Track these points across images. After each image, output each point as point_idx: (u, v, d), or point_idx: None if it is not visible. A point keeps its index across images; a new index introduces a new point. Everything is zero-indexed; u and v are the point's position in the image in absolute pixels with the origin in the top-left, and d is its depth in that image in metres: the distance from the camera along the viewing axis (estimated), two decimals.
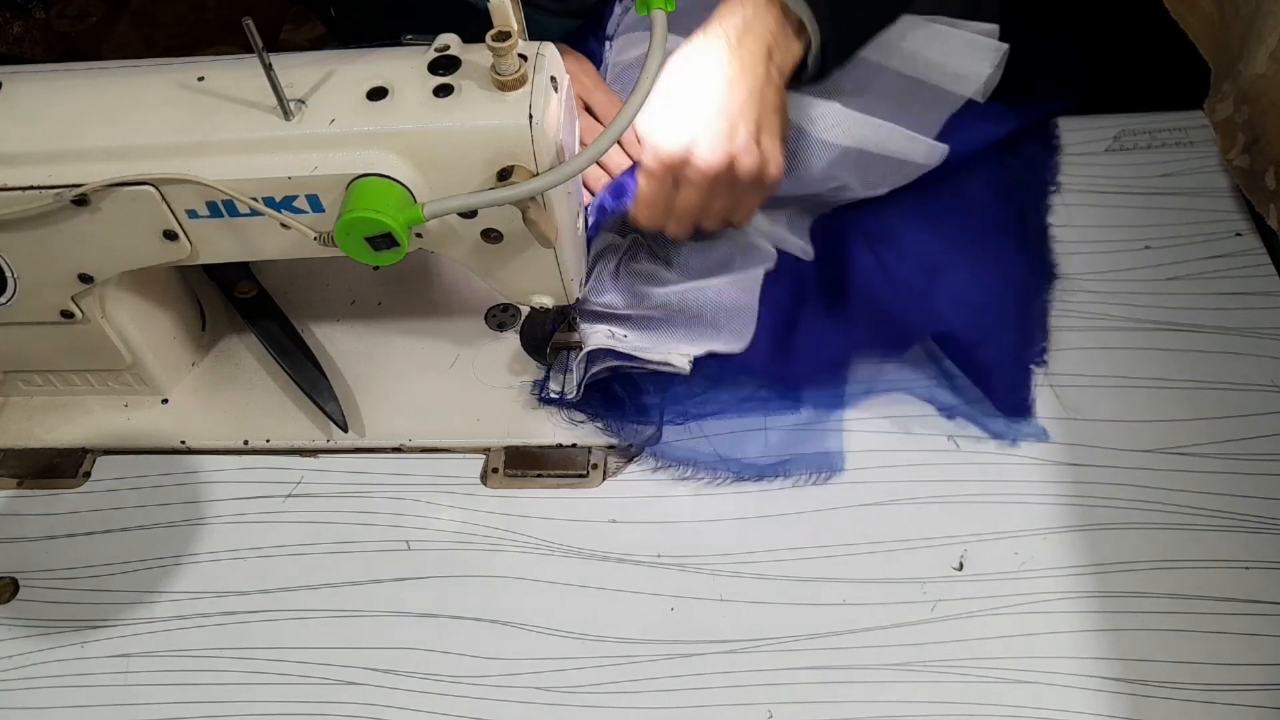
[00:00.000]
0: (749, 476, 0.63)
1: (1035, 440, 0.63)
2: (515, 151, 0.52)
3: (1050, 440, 0.63)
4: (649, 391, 0.66)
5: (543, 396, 0.66)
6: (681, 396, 0.66)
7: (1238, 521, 0.59)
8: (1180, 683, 0.54)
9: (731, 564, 0.60)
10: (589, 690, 0.56)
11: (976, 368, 0.65)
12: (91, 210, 0.54)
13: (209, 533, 0.63)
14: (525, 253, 0.58)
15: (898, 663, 0.56)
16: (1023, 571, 0.58)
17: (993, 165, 0.75)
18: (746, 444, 0.64)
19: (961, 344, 0.65)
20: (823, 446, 0.64)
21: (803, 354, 0.66)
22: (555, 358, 0.67)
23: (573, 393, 0.65)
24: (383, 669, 0.57)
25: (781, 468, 0.63)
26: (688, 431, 0.65)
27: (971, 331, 0.65)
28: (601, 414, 0.65)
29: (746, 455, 0.64)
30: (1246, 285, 0.69)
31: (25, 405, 0.70)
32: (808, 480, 0.62)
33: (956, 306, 0.67)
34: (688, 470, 0.63)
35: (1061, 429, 0.63)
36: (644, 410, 0.65)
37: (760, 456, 0.63)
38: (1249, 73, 0.64)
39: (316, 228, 0.53)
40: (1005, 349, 0.66)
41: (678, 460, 0.64)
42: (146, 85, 0.55)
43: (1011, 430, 0.64)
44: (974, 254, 0.70)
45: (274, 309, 0.72)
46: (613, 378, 0.65)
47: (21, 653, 0.60)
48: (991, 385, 0.64)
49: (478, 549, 0.62)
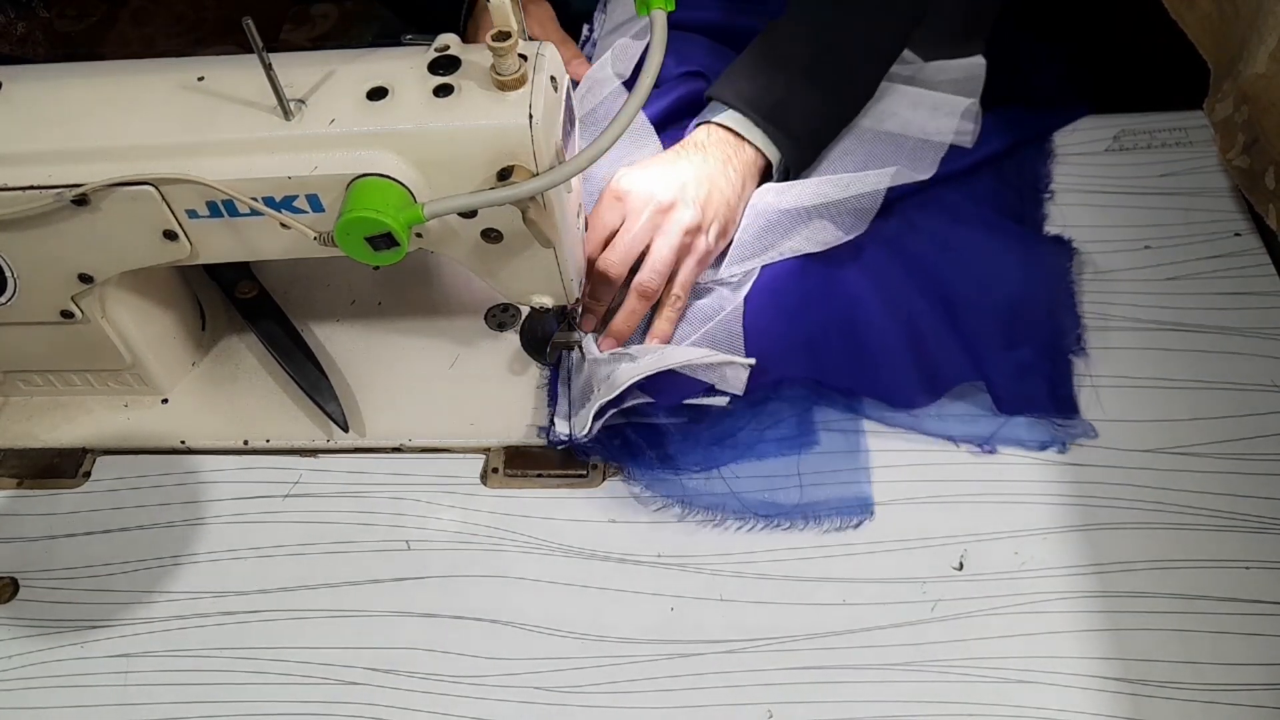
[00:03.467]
0: (778, 522, 0.61)
1: (1085, 439, 0.62)
2: (515, 151, 0.52)
3: (1096, 437, 0.62)
4: (669, 438, 0.63)
5: (551, 440, 0.64)
6: (701, 442, 0.63)
7: (1238, 521, 0.59)
8: (1181, 683, 0.54)
9: (731, 564, 0.60)
10: (589, 690, 0.56)
11: (1012, 377, 0.63)
12: (91, 210, 0.54)
13: (209, 533, 0.63)
14: (525, 253, 0.58)
15: (898, 663, 0.56)
16: (1023, 571, 0.58)
17: (985, 175, 0.75)
18: (773, 486, 0.62)
19: (993, 361, 0.64)
20: (852, 488, 0.61)
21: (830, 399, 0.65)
22: (553, 357, 0.67)
23: (582, 432, 0.62)
24: (383, 669, 0.57)
25: (811, 510, 0.61)
26: (712, 477, 0.62)
27: (999, 340, 0.65)
28: (620, 459, 0.63)
29: (774, 497, 0.61)
30: (1246, 285, 0.69)
31: (25, 405, 0.70)
32: (839, 525, 0.60)
33: (978, 318, 0.66)
34: (715, 516, 0.61)
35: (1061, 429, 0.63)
36: (667, 459, 0.63)
37: (788, 499, 0.61)
38: (1249, 73, 0.64)
39: (316, 228, 0.53)
40: (1038, 347, 0.65)
41: (705, 507, 0.61)
42: (146, 85, 0.55)
43: (1059, 434, 0.62)
44: (983, 258, 0.70)
45: (274, 309, 0.72)
46: (626, 423, 0.63)
47: (21, 653, 0.60)
48: (1031, 389, 0.63)
49: (478, 549, 0.62)
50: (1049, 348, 0.65)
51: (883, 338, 0.65)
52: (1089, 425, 0.62)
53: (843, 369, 0.65)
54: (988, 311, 0.67)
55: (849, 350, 0.65)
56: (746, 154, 0.70)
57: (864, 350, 0.65)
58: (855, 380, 0.64)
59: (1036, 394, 0.63)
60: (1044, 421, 0.63)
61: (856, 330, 0.66)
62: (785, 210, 0.69)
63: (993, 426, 0.63)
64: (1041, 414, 0.63)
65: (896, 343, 0.65)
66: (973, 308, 0.67)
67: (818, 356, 0.65)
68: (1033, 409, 0.63)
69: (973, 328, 0.66)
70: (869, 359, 0.65)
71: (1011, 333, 0.66)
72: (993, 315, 0.66)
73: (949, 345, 0.65)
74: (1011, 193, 0.75)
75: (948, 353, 0.65)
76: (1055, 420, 0.63)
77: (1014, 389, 0.63)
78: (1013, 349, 0.65)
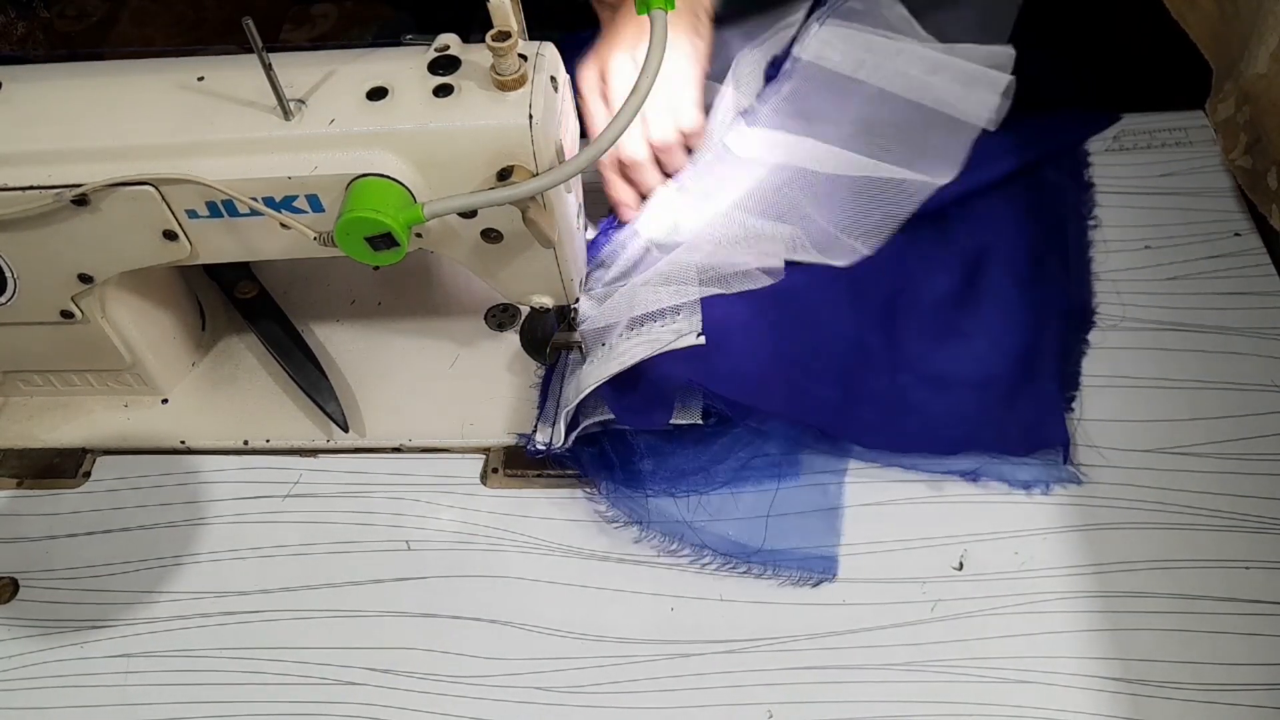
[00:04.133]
0: (735, 564, 0.59)
1: (1069, 484, 0.61)
2: (515, 151, 0.52)
3: (1085, 483, 0.61)
4: (641, 455, 0.62)
5: (529, 450, 0.63)
6: (675, 465, 0.62)
7: (1238, 521, 0.59)
8: (1181, 683, 0.54)
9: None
10: (589, 690, 0.56)
11: (1004, 421, 0.62)
12: (91, 210, 0.54)
13: (209, 533, 0.63)
14: (525, 253, 0.58)
15: (898, 663, 0.56)
16: (1023, 571, 0.58)
17: (1017, 199, 0.73)
18: (740, 522, 0.60)
19: (987, 399, 0.63)
20: (820, 539, 0.59)
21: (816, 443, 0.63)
22: (553, 357, 0.67)
23: (559, 443, 0.61)
24: (383, 669, 0.57)
25: (772, 558, 0.59)
26: (680, 505, 0.61)
27: (997, 380, 0.63)
28: (591, 473, 0.62)
29: (739, 534, 0.59)
30: (1246, 285, 0.69)
31: (25, 405, 0.70)
32: (795, 581, 0.58)
33: (979, 359, 0.65)
34: (671, 544, 0.60)
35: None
36: (635, 476, 0.61)
37: (753, 539, 0.59)
38: (1250, 72, 0.64)
39: (316, 228, 0.53)
40: (1037, 390, 0.63)
41: (664, 534, 0.60)
42: (146, 85, 0.55)
43: (1043, 476, 0.61)
44: (997, 294, 0.68)
45: (274, 309, 0.72)
46: (604, 433, 0.62)
47: (22, 653, 0.60)
48: (1022, 431, 0.61)
49: (478, 549, 0.61)
50: (1046, 396, 0.63)
51: (874, 391, 0.64)
52: (1076, 471, 0.61)
53: (826, 413, 0.62)
54: (987, 361, 0.65)
55: (836, 398, 0.63)
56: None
57: (853, 402, 0.63)
58: (838, 427, 0.62)
59: (1027, 437, 0.61)
60: (1032, 462, 0.62)
61: (849, 377, 0.64)
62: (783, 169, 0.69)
63: (979, 461, 0.62)
64: (1030, 454, 0.62)
65: (886, 396, 0.64)
66: (969, 365, 0.65)
67: (802, 397, 0.62)
68: (1021, 450, 0.62)
69: (969, 382, 0.64)
70: (856, 411, 0.63)
71: (1010, 381, 0.64)
72: (994, 361, 0.65)
73: (943, 408, 0.63)
74: (1045, 219, 0.72)
75: (943, 422, 0.63)
76: (1045, 461, 0.61)
77: (1005, 431, 0.62)
78: (1009, 398, 0.63)
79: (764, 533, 0.60)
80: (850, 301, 0.67)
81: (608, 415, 0.61)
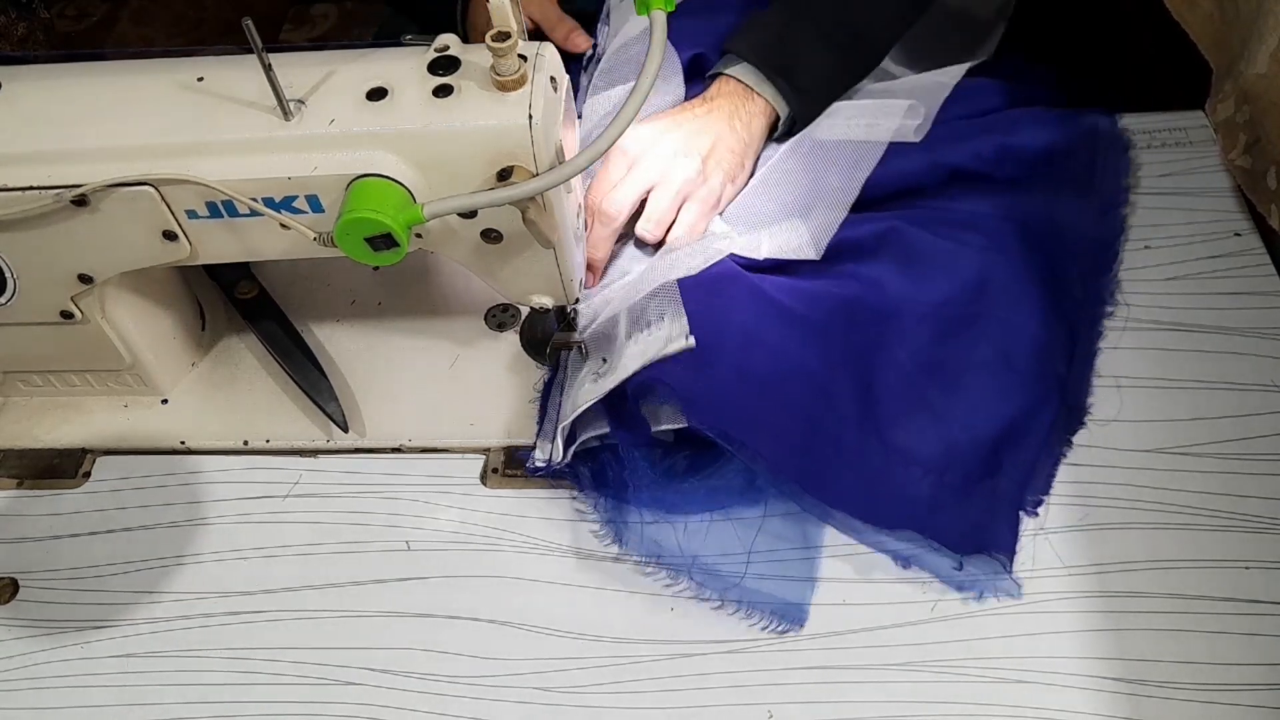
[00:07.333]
0: (708, 597, 0.58)
1: (1008, 597, 0.57)
2: (515, 151, 0.52)
3: (1022, 597, 0.57)
4: (633, 473, 0.60)
5: (529, 468, 0.62)
6: (667, 490, 0.60)
7: (1238, 521, 0.59)
8: (1180, 683, 0.54)
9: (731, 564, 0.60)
10: (589, 690, 0.56)
11: (954, 502, 0.58)
12: (91, 210, 0.54)
13: (210, 533, 0.63)
14: (525, 253, 0.58)
15: (898, 662, 0.56)
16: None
17: (1033, 266, 0.67)
18: (723, 552, 0.59)
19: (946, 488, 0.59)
20: (794, 590, 0.58)
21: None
22: (553, 358, 0.67)
23: (558, 459, 0.61)
24: (382, 669, 0.57)
25: (746, 596, 0.57)
26: (659, 522, 0.60)
27: (956, 466, 0.60)
28: (587, 488, 0.61)
29: (718, 564, 0.58)
30: (1246, 285, 0.69)
31: (25, 405, 0.70)
32: (762, 624, 0.57)
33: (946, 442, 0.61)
34: (649, 565, 0.59)
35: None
36: (624, 497, 0.60)
37: (732, 570, 0.58)
38: (1250, 73, 0.64)
39: (316, 228, 0.53)
40: (996, 487, 0.59)
41: (644, 554, 0.59)
42: (146, 85, 0.55)
43: (979, 582, 0.57)
44: (983, 367, 0.63)
45: (274, 309, 0.72)
46: (602, 448, 0.62)
47: (22, 653, 0.60)
48: (965, 517, 0.58)
49: (477, 549, 0.62)
50: (1005, 496, 0.59)
51: (831, 438, 0.61)
52: (1016, 584, 0.57)
53: (782, 450, 0.59)
54: (953, 448, 0.61)
55: (796, 437, 0.60)
56: (755, 105, 0.71)
57: (809, 447, 0.60)
58: (789, 468, 0.59)
59: (971, 536, 0.58)
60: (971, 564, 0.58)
61: (811, 419, 0.61)
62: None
63: (915, 548, 0.58)
64: (968, 554, 0.58)
65: (842, 448, 0.60)
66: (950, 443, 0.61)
67: (762, 428, 0.59)
68: (962, 548, 0.58)
69: (926, 463, 0.60)
70: (812, 456, 0.60)
71: (970, 470, 0.60)
72: (960, 446, 0.61)
73: (893, 481, 0.60)
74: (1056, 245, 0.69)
75: (888, 494, 0.59)
76: (986, 565, 0.57)
77: (949, 524, 0.58)
78: (964, 490, 0.59)
79: (745, 564, 0.59)
80: (824, 337, 0.63)
81: (604, 429, 0.60)
